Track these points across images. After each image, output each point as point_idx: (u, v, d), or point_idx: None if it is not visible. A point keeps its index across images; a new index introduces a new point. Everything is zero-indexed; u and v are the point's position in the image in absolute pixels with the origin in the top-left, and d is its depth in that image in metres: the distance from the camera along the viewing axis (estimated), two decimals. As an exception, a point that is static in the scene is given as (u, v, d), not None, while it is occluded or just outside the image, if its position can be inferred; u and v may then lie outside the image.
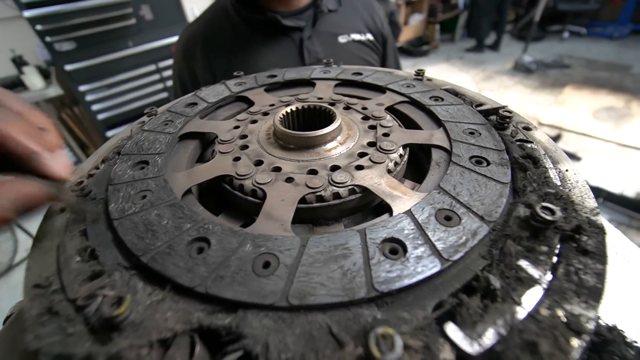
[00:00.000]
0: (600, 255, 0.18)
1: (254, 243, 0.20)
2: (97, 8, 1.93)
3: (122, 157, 0.29)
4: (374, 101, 0.35)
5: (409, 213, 0.20)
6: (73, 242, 0.22)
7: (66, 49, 1.97)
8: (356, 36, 0.84)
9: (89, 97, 2.16)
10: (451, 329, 0.15)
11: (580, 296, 0.16)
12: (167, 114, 0.36)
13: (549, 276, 0.17)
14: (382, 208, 0.23)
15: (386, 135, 0.29)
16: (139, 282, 0.18)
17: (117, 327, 0.16)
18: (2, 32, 2.24)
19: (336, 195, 0.24)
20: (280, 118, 0.30)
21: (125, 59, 2.16)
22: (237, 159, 0.28)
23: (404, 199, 0.22)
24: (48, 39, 1.88)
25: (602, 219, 0.21)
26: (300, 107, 0.31)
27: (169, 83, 2.38)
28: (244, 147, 0.30)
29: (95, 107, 2.21)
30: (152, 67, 2.28)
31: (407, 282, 0.16)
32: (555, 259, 0.18)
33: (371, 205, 0.24)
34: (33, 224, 2.31)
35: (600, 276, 0.17)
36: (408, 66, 4.56)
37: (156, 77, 2.35)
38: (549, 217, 0.18)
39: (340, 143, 0.29)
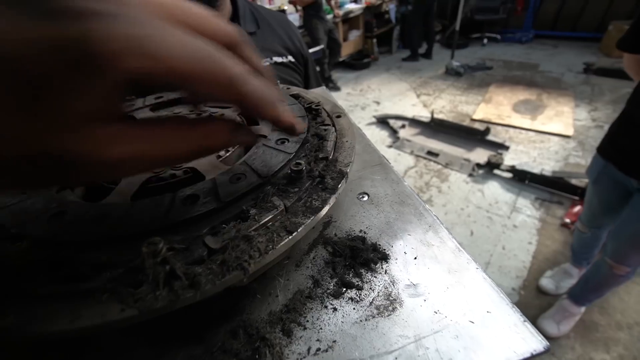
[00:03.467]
0: (332, 189, 0.28)
1: (98, 208, 0.27)
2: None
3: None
4: (233, 109, 0.45)
5: (212, 179, 0.29)
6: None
7: None
8: (278, 59, 0.85)
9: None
10: (208, 238, 0.23)
11: (305, 213, 0.26)
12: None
13: (290, 205, 0.27)
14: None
15: (228, 132, 0.39)
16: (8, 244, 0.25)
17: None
18: None
19: (173, 176, 0.32)
20: None
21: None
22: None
23: (215, 171, 0.31)
24: None
25: (349, 170, 0.31)
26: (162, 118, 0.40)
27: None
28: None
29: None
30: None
31: (189, 215, 0.25)
32: (302, 194, 0.28)
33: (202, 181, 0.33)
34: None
35: (325, 201, 0.27)
36: (352, 79, 4.84)
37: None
38: (295, 168, 0.28)
39: (191, 141, 0.38)
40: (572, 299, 1.62)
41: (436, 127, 3.32)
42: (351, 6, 4.73)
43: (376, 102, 4.15)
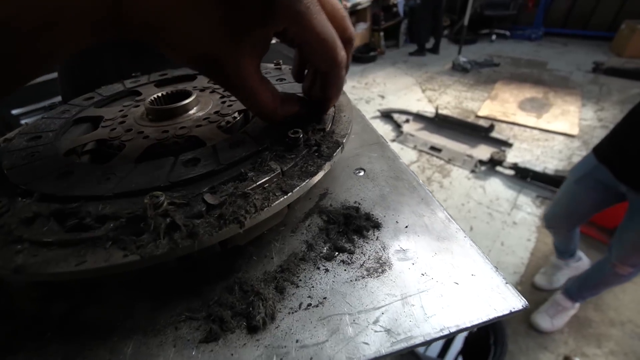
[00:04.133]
0: (327, 157, 0.29)
1: (104, 170, 0.29)
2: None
3: (20, 135, 0.37)
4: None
5: (212, 145, 0.30)
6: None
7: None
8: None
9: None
10: (207, 195, 0.25)
11: (300, 177, 0.27)
12: (66, 105, 0.44)
13: (287, 169, 0.28)
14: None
15: (230, 106, 0.40)
16: (18, 198, 0.27)
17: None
18: None
19: (176, 143, 0.33)
20: (151, 100, 0.39)
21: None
22: (113, 129, 0.37)
23: (216, 139, 0.33)
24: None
25: (345, 140, 0.32)
26: (166, 92, 0.41)
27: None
28: (122, 122, 0.39)
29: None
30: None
31: (190, 176, 0.26)
32: (299, 160, 0.29)
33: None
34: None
35: (319, 167, 0.28)
36: (357, 72, 4.81)
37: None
38: (292, 136, 0.29)
39: (194, 113, 0.39)
40: (566, 294, 1.64)
41: (440, 123, 3.31)
42: (359, -2, 4.68)
43: (381, 96, 4.13)
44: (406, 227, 0.31)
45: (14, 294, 0.29)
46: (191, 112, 0.39)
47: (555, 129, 3.15)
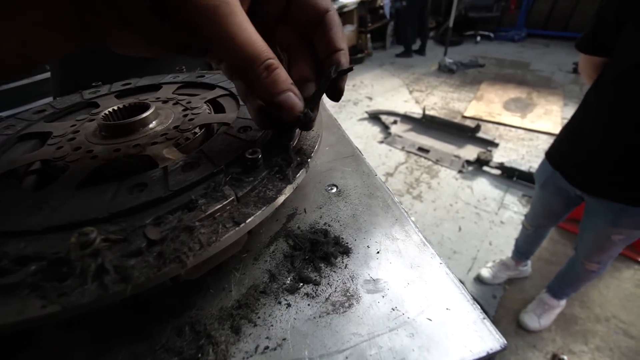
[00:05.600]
0: (288, 178, 0.27)
1: (37, 198, 0.25)
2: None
3: (-51, 157, 0.33)
4: (200, 97, 0.43)
5: (164, 167, 0.27)
6: None
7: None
8: None
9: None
10: (148, 228, 0.22)
11: (257, 204, 0.25)
12: (11, 120, 0.40)
13: (243, 195, 0.25)
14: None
15: (191, 120, 0.37)
16: None
17: None
18: None
19: (127, 164, 0.30)
20: (105, 115, 0.36)
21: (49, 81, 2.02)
22: (60, 147, 0.34)
23: (171, 160, 0.30)
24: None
25: (312, 161, 0.30)
26: (122, 106, 0.38)
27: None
28: (72, 139, 0.35)
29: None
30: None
31: (134, 204, 0.23)
32: (257, 184, 0.26)
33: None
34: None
35: (279, 191, 0.26)
36: (345, 74, 4.79)
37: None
38: (250, 156, 0.27)
39: (151, 128, 0.35)
40: (550, 292, 1.66)
41: (428, 124, 3.33)
42: (345, 0, 4.68)
43: (369, 98, 4.13)
44: (378, 252, 0.29)
45: None
46: (148, 127, 0.36)
47: (539, 128, 3.21)
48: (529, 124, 3.28)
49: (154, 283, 0.20)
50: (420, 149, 3.09)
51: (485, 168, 2.79)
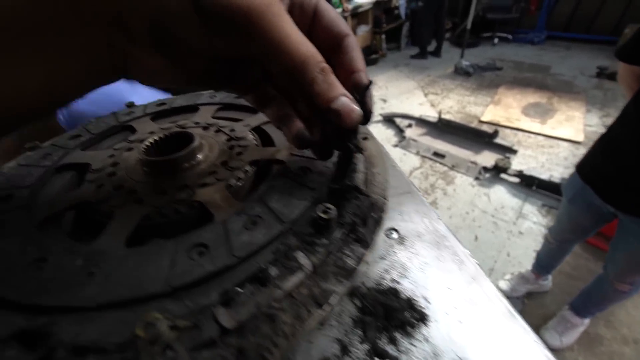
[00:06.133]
0: (366, 242, 0.24)
1: (86, 258, 0.23)
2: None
3: (-12, 193, 0.31)
4: (243, 122, 0.40)
5: (223, 221, 0.24)
6: None
7: None
8: None
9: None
10: (220, 311, 0.19)
11: (337, 276, 0.21)
12: (48, 148, 0.38)
13: (318, 263, 0.22)
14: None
15: (239, 154, 0.33)
16: None
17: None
18: None
19: (176, 211, 0.27)
20: (144, 147, 0.33)
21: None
22: (100, 185, 0.31)
23: (228, 210, 0.26)
24: None
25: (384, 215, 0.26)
26: (163, 136, 0.35)
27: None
28: (112, 174, 0.33)
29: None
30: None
31: (195, 276, 0.20)
32: (333, 248, 0.23)
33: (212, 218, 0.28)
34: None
35: (360, 259, 0.22)
36: (358, 75, 4.73)
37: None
38: (324, 216, 0.23)
39: (197, 164, 0.32)
40: (573, 310, 1.60)
41: (443, 128, 3.25)
42: (360, 0, 4.61)
43: (383, 100, 4.07)
44: (460, 322, 0.26)
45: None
46: (193, 162, 0.33)
47: (560, 135, 3.11)
48: (549, 131, 3.18)
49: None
50: (436, 153, 3.02)
51: (503, 175, 2.71)
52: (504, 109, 3.60)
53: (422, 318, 0.26)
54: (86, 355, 0.18)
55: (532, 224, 2.33)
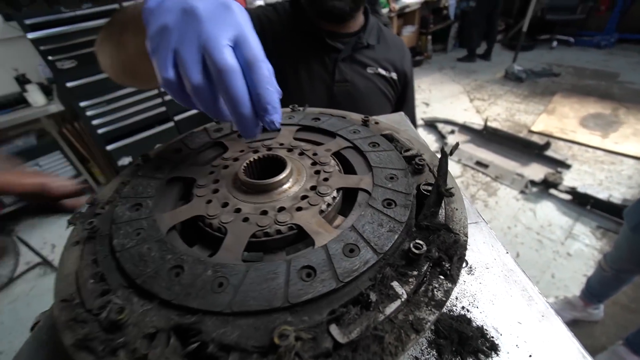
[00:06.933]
0: (453, 277, 0.26)
1: (214, 269, 0.28)
2: (97, 28, 2.03)
3: (121, 199, 0.38)
4: (324, 147, 0.44)
5: (324, 247, 0.29)
6: (87, 269, 0.30)
7: (67, 67, 2.07)
8: (382, 71, 1.01)
9: (89, 113, 2.26)
10: (332, 327, 0.23)
11: (428, 306, 0.25)
12: (157, 160, 0.45)
13: (411, 292, 0.25)
14: (312, 241, 0.31)
15: (326, 180, 0.38)
16: (135, 297, 0.27)
17: (120, 327, 0.24)
18: (6, 51, 2.33)
19: (278, 232, 0.32)
20: (244, 168, 0.38)
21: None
22: (209, 201, 0.37)
23: (325, 235, 0.31)
24: (50, 57, 2.00)
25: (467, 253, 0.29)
26: (258, 157, 0.40)
27: (167, 97, 2.47)
28: (216, 190, 0.38)
29: (95, 122, 2.32)
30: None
31: (310, 296, 0.25)
32: (422, 279, 0.26)
33: (306, 238, 0.33)
34: (34, 238, 2.39)
35: (448, 293, 0.25)
36: (401, 77, 4.64)
37: (154, 91, 2.43)
38: (416, 251, 0.27)
39: (289, 187, 0.37)
40: (629, 346, 1.47)
41: (489, 136, 3.11)
42: (408, 0, 4.51)
43: (425, 104, 3.97)
44: (530, 356, 0.28)
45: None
46: (286, 185, 0.37)
47: (624, 151, 2.83)
48: (611, 145, 2.91)
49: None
50: (479, 163, 2.90)
51: (553, 191, 2.54)
52: (559, 119, 3.35)
53: (494, 348, 0.28)
54: (230, 352, 0.22)
55: (584, 246, 2.17)
